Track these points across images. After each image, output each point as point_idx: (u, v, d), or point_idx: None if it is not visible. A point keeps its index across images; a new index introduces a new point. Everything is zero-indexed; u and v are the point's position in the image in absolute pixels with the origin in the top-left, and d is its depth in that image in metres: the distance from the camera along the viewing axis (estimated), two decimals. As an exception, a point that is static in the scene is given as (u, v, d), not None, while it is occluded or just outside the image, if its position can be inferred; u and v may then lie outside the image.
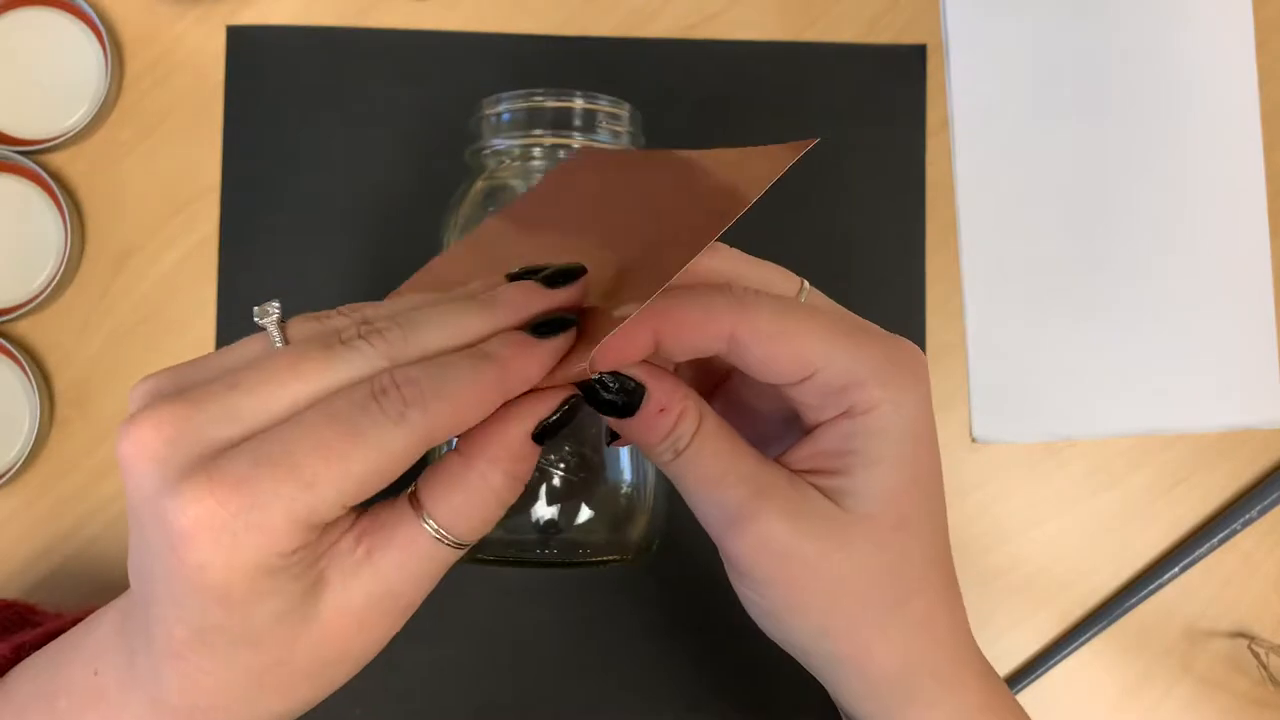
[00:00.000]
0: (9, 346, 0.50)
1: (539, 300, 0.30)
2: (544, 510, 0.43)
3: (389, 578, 0.29)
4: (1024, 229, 0.54)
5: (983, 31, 0.55)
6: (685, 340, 0.31)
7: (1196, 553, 0.53)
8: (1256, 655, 0.53)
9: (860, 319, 0.33)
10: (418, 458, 0.27)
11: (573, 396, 0.30)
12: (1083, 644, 0.53)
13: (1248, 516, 0.53)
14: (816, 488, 0.32)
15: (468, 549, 0.31)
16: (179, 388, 0.28)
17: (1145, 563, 0.54)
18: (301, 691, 0.30)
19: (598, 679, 0.51)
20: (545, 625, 0.51)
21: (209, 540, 0.26)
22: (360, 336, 0.28)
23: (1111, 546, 0.54)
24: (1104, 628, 0.53)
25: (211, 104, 0.53)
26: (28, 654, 0.36)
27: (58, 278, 0.50)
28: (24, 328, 0.52)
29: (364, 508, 0.30)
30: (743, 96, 0.53)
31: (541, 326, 0.29)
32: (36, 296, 0.50)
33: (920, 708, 0.34)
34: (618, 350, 0.31)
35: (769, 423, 0.36)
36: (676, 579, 0.52)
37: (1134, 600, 0.53)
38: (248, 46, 0.53)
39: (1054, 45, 0.55)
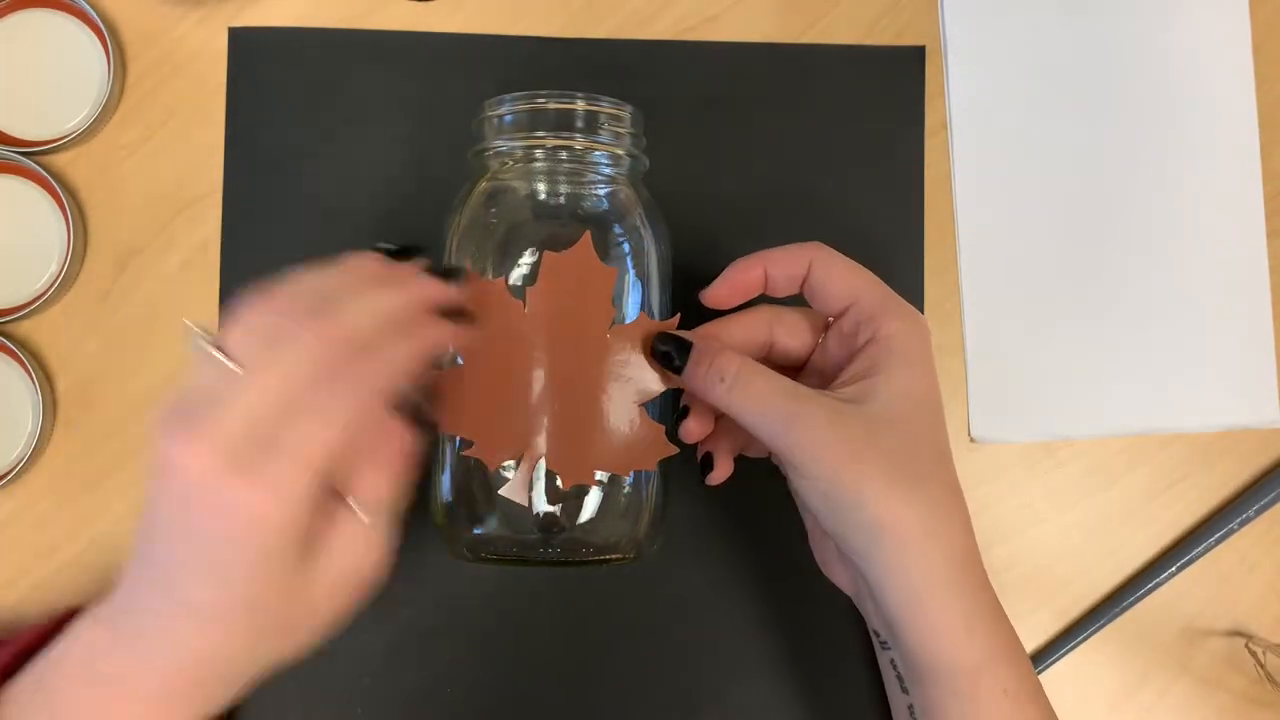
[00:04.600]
0: (11, 347, 0.50)
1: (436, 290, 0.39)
2: (546, 509, 0.43)
3: (340, 561, 0.37)
4: (1022, 229, 0.55)
5: (981, 33, 0.55)
6: (782, 268, 0.44)
7: (1194, 552, 0.53)
8: (1254, 654, 0.53)
9: None
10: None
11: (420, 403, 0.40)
12: (1080, 643, 0.53)
13: (1245, 516, 0.53)
14: (847, 396, 0.41)
15: (391, 521, 0.38)
16: (188, 416, 0.35)
17: (1143, 562, 0.54)
18: (278, 647, 0.37)
19: (600, 678, 0.52)
20: (547, 624, 0.51)
21: (263, 492, 0.34)
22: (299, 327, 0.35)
23: (1109, 546, 0.54)
24: (1102, 627, 0.53)
25: (213, 105, 0.53)
26: (8, 677, 0.38)
27: (60, 278, 0.50)
28: (27, 328, 0.52)
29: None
30: (743, 97, 0.54)
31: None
32: (39, 297, 0.50)
33: (942, 591, 0.39)
34: (737, 281, 0.44)
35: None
36: (678, 578, 0.52)
37: (1131, 599, 0.53)
38: (249, 48, 0.53)
39: (1052, 47, 0.55)
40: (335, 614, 0.38)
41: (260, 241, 0.52)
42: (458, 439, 0.44)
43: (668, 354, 0.42)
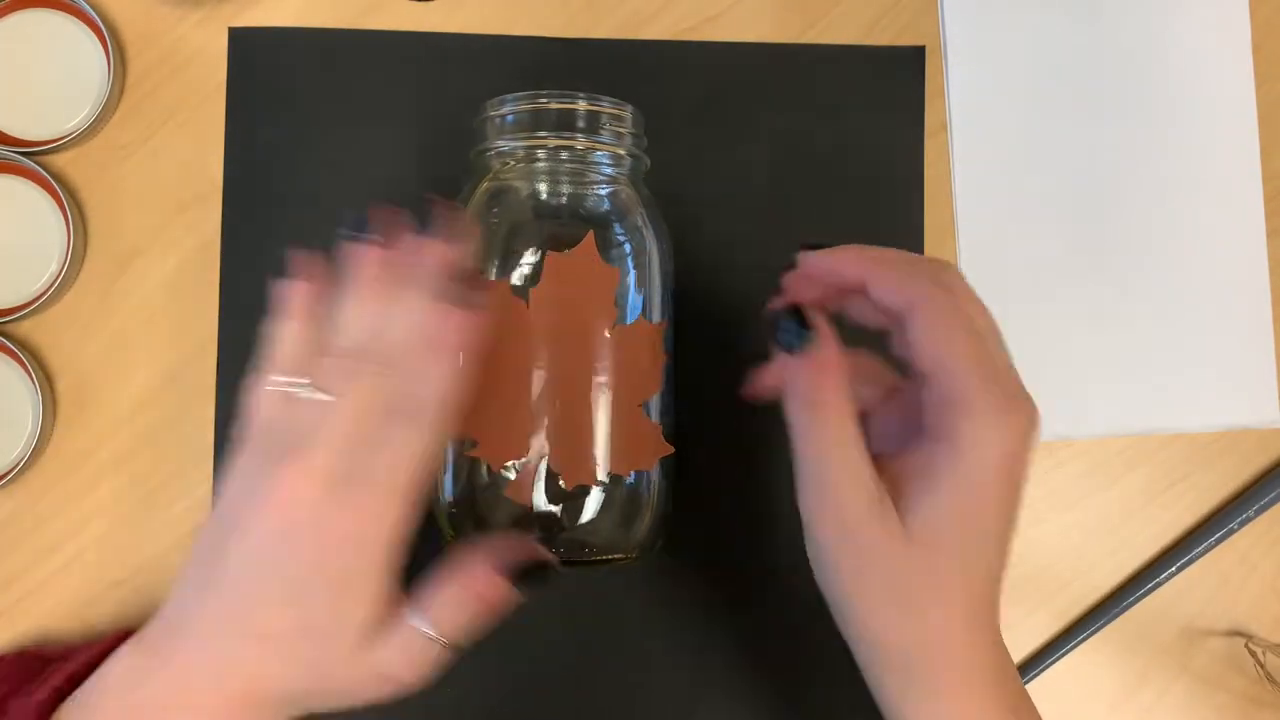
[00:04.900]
0: (12, 347, 0.50)
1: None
2: (548, 508, 0.43)
3: (391, 656, 0.38)
4: (1021, 230, 0.55)
5: (981, 33, 0.55)
6: (883, 294, 0.38)
7: (1194, 552, 0.53)
8: (1253, 654, 0.53)
9: (1008, 368, 0.38)
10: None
11: (539, 565, 0.40)
12: (1080, 643, 0.53)
13: (1245, 516, 0.53)
14: (893, 499, 0.37)
15: (453, 648, 0.39)
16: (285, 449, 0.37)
17: (1142, 562, 0.54)
18: (316, 701, 0.38)
19: (600, 678, 0.52)
20: (547, 624, 0.51)
21: (360, 515, 0.37)
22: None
23: (1109, 546, 0.54)
24: (1101, 627, 0.53)
25: (213, 105, 0.53)
26: (65, 694, 0.39)
27: (60, 279, 0.50)
28: (27, 328, 0.52)
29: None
30: (743, 98, 0.54)
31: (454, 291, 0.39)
32: (39, 297, 0.50)
33: (922, 697, 0.37)
34: (832, 273, 0.39)
35: (898, 431, 0.40)
36: (680, 578, 0.52)
37: (1131, 599, 0.53)
38: (249, 48, 0.53)
39: (1052, 47, 0.55)
40: (368, 696, 0.39)
41: (260, 241, 0.52)
42: (463, 440, 0.44)
43: (789, 334, 0.38)
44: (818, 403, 0.37)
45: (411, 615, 0.38)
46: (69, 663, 0.41)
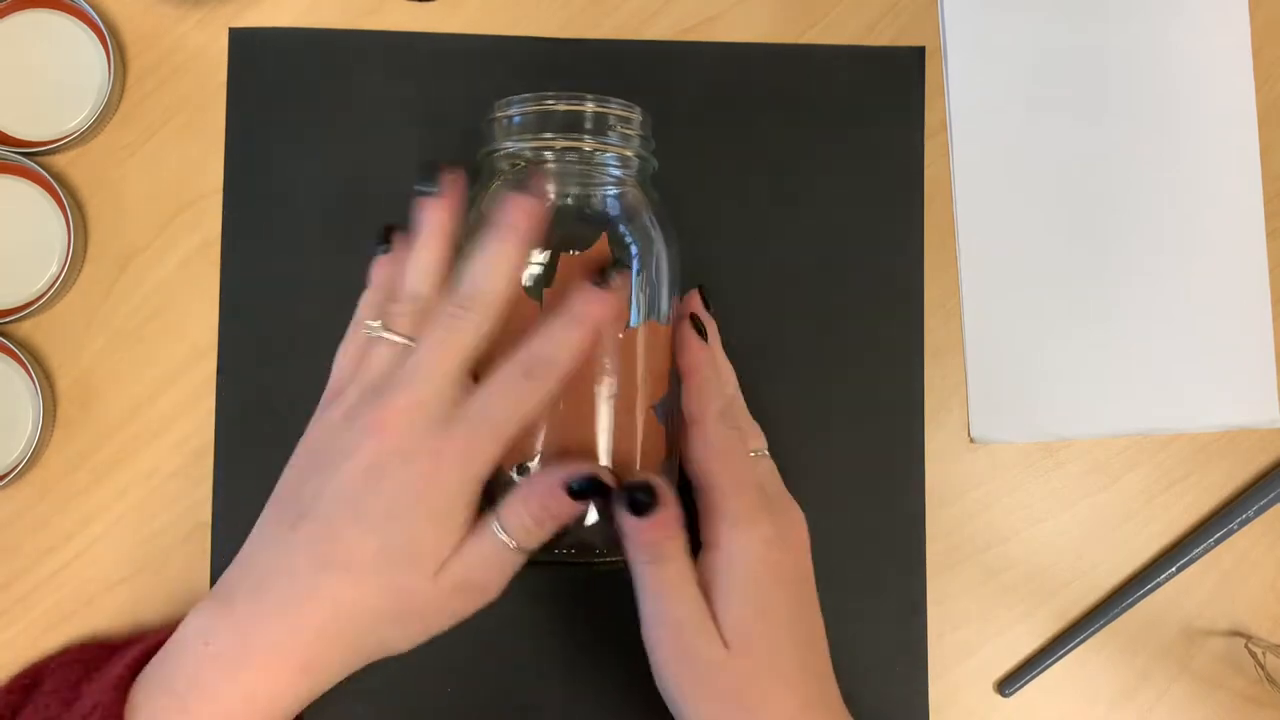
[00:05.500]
0: (12, 347, 0.50)
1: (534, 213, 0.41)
2: None
3: (471, 564, 0.40)
4: (1021, 230, 0.55)
5: (980, 33, 0.55)
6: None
7: (1193, 552, 0.53)
8: (1253, 654, 0.53)
9: (765, 486, 0.45)
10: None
11: (595, 480, 0.40)
12: (1080, 643, 0.53)
13: (1244, 516, 0.53)
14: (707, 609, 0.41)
15: (524, 553, 0.41)
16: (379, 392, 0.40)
17: (1142, 562, 0.54)
18: (397, 630, 0.40)
19: (602, 678, 0.52)
20: (549, 625, 0.51)
21: (453, 449, 0.39)
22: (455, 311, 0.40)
23: (1108, 546, 0.54)
24: (1101, 627, 0.53)
25: (214, 106, 0.53)
26: (139, 669, 0.41)
27: (61, 279, 0.50)
28: (27, 328, 0.52)
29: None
30: (742, 98, 0.54)
31: (601, 278, 0.41)
32: (40, 297, 0.50)
33: None
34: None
35: None
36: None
37: (1131, 599, 0.53)
38: (250, 48, 0.53)
39: (1052, 47, 0.55)
40: (447, 616, 0.40)
41: (260, 241, 0.52)
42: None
43: (638, 501, 0.41)
44: (662, 556, 0.41)
45: (490, 522, 0.40)
46: (140, 643, 0.42)
